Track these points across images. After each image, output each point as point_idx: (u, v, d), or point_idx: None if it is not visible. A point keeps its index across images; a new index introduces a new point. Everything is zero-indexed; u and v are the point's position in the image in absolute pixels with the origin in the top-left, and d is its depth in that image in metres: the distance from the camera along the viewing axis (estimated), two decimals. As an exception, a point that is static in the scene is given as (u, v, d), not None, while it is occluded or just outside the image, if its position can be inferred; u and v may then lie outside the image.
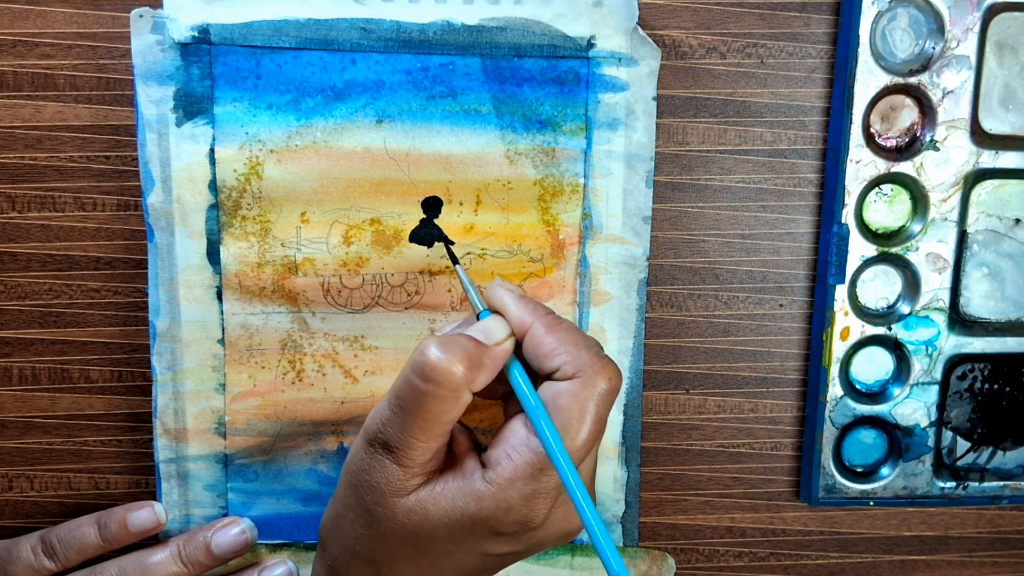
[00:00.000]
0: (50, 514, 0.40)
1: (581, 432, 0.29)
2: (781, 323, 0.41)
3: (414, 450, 0.29)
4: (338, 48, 0.36)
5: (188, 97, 0.36)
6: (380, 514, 0.30)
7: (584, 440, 0.29)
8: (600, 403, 0.29)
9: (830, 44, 0.39)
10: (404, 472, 0.29)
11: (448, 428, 0.30)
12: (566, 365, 0.29)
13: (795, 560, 0.43)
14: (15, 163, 0.37)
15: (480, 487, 0.29)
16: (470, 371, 0.29)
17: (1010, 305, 0.41)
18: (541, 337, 0.30)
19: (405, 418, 0.29)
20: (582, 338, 0.30)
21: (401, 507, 0.29)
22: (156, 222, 0.36)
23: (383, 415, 0.30)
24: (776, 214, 0.40)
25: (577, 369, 0.29)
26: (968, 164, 0.39)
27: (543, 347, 0.30)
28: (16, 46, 0.36)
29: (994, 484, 0.42)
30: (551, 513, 0.30)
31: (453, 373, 0.28)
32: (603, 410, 0.29)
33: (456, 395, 0.29)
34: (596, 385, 0.29)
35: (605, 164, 0.38)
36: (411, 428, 0.29)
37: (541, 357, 0.30)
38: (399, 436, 0.29)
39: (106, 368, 0.39)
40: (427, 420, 0.29)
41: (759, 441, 0.42)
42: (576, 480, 0.28)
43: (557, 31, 0.36)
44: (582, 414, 0.29)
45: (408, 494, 0.29)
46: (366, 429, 0.30)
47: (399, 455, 0.29)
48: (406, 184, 0.37)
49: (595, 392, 0.29)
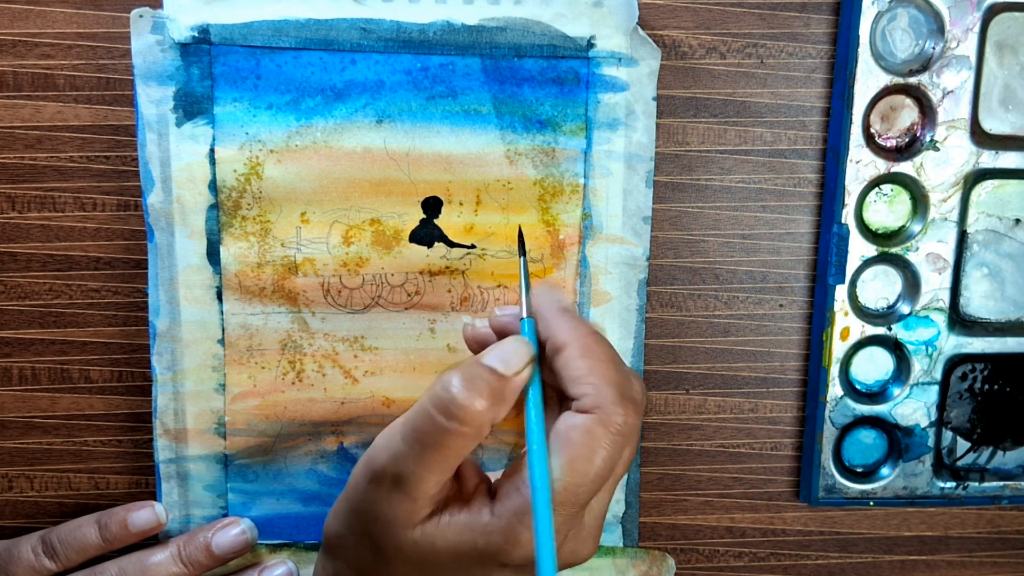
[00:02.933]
0: (50, 514, 0.40)
1: (588, 470, 0.28)
2: (781, 323, 0.41)
3: (426, 484, 0.28)
4: (338, 48, 0.36)
5: (188, 97, 0.36)
6: (386, 543, 0.29)
7: (590, 478, 0.28)
8: (614, 439, 0.28)
9: (830, 44, 0.39)
10: (414, 505, 0.29)
11: (460, 461, 0.29)
12: (587, 397, 0.29)
13: (795, 560, 0.43)
14: (15, 163, 0.37)
15: (488, 520, 0.28)
16: (493, 407, 0.28)
17: (1010, 305, 0.41)
18: (575, 360, 0.29)
19: (422, 453, 0.28)
20: (613, 371, 0.29)
21: (407, 539, 0.29)
22: (156, 222, 0.36)
23: (395, 448, 0.29)
24: (776, 214, 0.40)
25: (596, 404, 0.28)
26: (968, 164, 0.39)
27: (573, 371, 0.29)
28: (16, 46, 0.36)
29: (994, 484, 0.42)
30: (560, 549, 0.29)
31: (478, 412, 0.28)
32: (617, 447, 0.28)
33: (479, 432, 0.28)
34: (612, 422, 0.28)
35: (605, 164, 0.38)
36: (428, 463, 0.28)
37: (568, 380, 0.29)
38: (413, 470, 0.28)
39: (106, 368, 0.39)
40: (446, 456, 0.28)
41: (759, 441, 0.42)
42: (546, 522, 0.27)
43: (557, 31, 0.36)
44: (591, 452, 0.28)
45: (415, 526, 0.29)
46: (373, 460, 0.29)
47: (410, 489, 0.28)
48: (406, 184, 0.37)
49: (609, 429, 0.28)
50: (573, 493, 0.28)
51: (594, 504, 0.30)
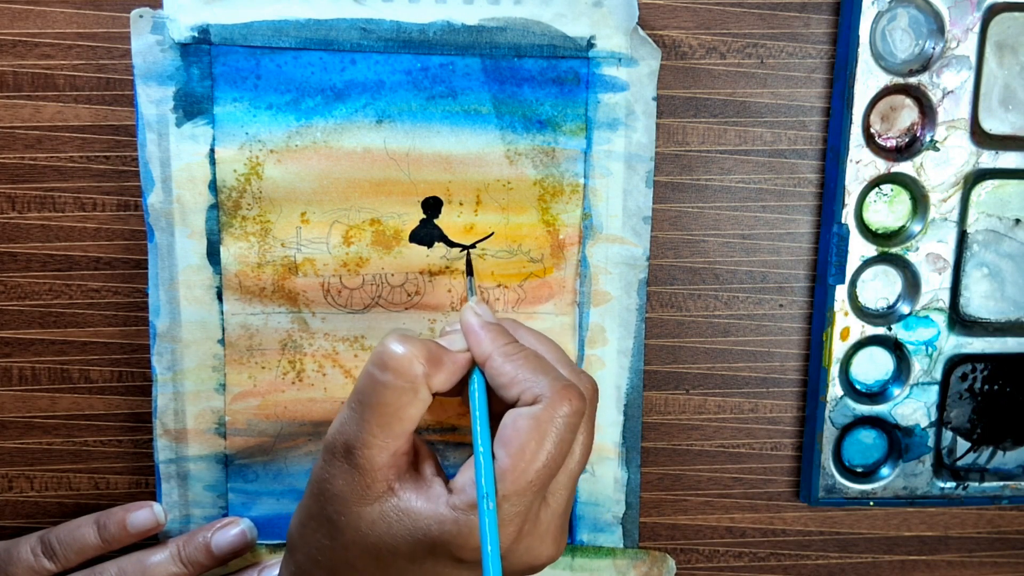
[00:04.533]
0: (50, 514, 0.40)
1: (538, 456, 0.28)
2: (781, 323, 0.41)
3: (372, 449, 0.29)
4: (338, 48, 0.36)
5: (188, 97, 0.36)
6: (343, 523, 0.30)
7: (543, 464, 0.28)
8: (562, 426, 0.29)
9: (830, 44, 0.39)
10: (364, 477, 0.29)
11: (407, 429, 0.30)
12: (525, 393, 0.29)
13: (795, 560, 0.43)
14: (15, 163, 0.37)
15: (444, 511, 0.29)
16: (429, 365, 0.30)
17: (1010, 305, 0.41)
18: (499, 367, 0.30)
19: (363, 413, 0.29)
20: (541, 364, 0.30)
21: (365, 517, 0.29)
22: (156, 222, 0.36)
23: (342, 416, 0.30)
24: (776, 214, 0.40)
25: (537, 395, 0.29)
26: (968, 164, 0.39)
27: (501, 376, 0.30)
28: (16, 46, 0.36)
29: (994, 484, 0.42)
30: (515, 545, 0.29)
31: (412, 363, 0.29)
32: (567, 433, 0.29)
33: (414, 387, 0.29)
34: (557, 408, 0.29)
35: (605, 164, 0.38)
36: (369, 424, 0.29)
37: (501, 387, 0.30)
38: (357, 433, 0.29)
39: (106, 368, 0.39)
40: (385, 414, 0.29)
41: (759, 441, 0.42)
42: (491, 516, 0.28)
43: (557, 31, 0.36)
44: (541, 437, 0.28)
45: (371, 503, 0.29)
46: (326, 437, 0.31)
47: (358, 456, 0.29)
48: (406, 184, 0.37)
49: (556, 415, 0.29)
50: (522, 481, 0.28)
51: (551, 502, 0.30)
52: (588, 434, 0.31)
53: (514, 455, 0.28)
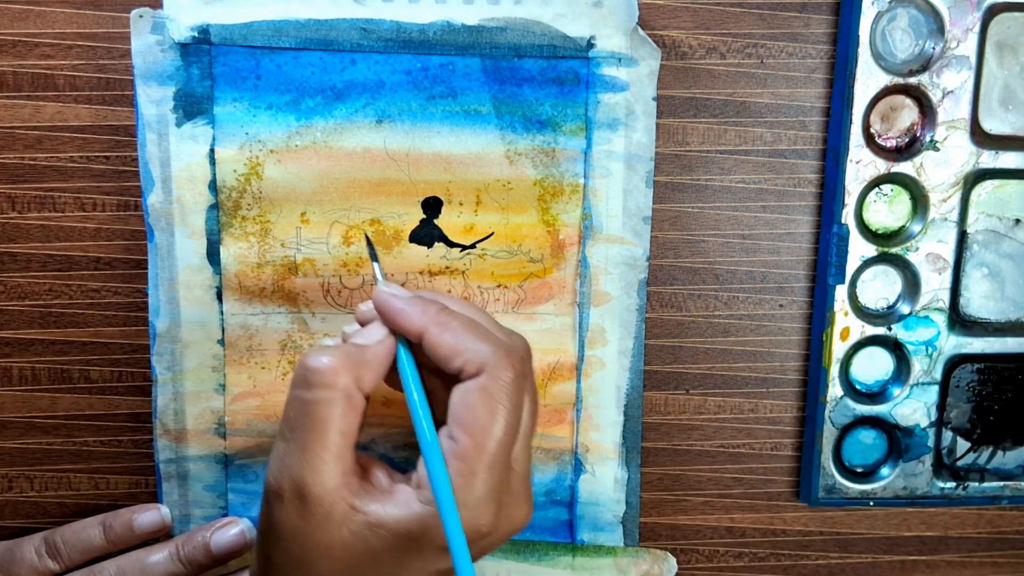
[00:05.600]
0: (50, 515, 0.40)
1: (495, 428, 0.28)
2: (781, 323, 0.41)
3: (322, 474, 0.28)
4: (338, 48, 0.36)
5: (188, 97, 0.36)
6: (312, 558, 0.28)
7: (502, 434, 0.28)
8: (512, 391, 0.28)
9: (830, 44, 0.39)
10: (321, 506, 0.28)
11: (350, 443, 0.29)
12: (468, 364, 0.29)
13: (795, 560, 0.43)
14: (15, 163, 0.37)
15: (419, 509, 0.28)
16: (352, 368, 0.29)
17: (1010, 305, 0.41)
18: (438, 338, 0.29)
19: (302, 440, 0.28)
20: (480, 331, 0.29)
21: (336, 545, 0.28)
22: (156, 222, 0.36)
23: (278, 452, 0.29)
24: (776, 214, 0.40)
25: (479, 365, 0.28)
26: (968, 164, 0.39)
27: (441, 348, 0.29)
28: (16, 46, 0.36)
29: (994, 484, 0.42)
30: (498, 518, 0.29)
31: (336, 372, 0.28)
32: (516, 397, 0.28)
33: (346, 395, 0.28)
34: (501, 376, 0.28)
35: (605, 164, 0.38)
36: (312, 448, 0.28)
37: (442, 360, 0.29)
38: (302, 463, 0.28)
39: (106, 368, 0.39)
40: (324, 431, 0.28)
41: (759, 441, 0.42)
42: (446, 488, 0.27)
43: (557, 31, 0.36)
44: (494, 409, 0.28)
45: (337, 529, 0.28)
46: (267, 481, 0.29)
47: (309, 486, 0.28)
48: (406, 184, 0.37)
49: (501, 383, 0.28)
50: (487, 456, 0.28)
51: (516, 467, 0.30)
52: (532, 393, 0.31)
53: (474, 433, 0.28)
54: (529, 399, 0.30)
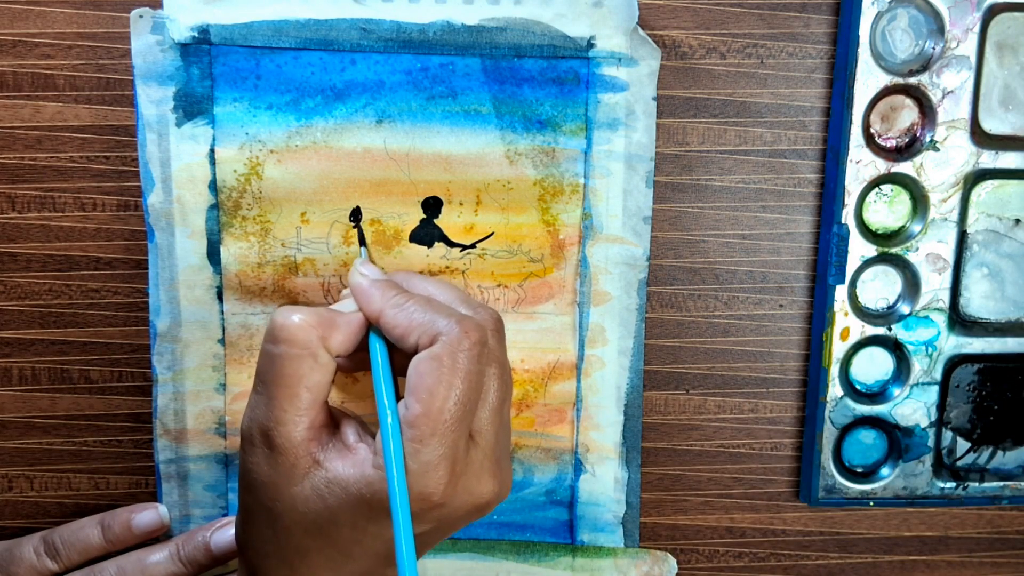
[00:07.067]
0: (50, 515, 0.40)
1: (448, 394, 0.28)
2: (781, 323, 0.41)
3: (286, 426, 0.29)
4: (338, 48, 0.36)
5: (188, 97, 0.36)
6: (280, 509, 0.29)
7: (454, 401, 0.28)
8: (467, 359, 0.28)
9: (830, 44, 0.39)
10: (287, 456, 0.29)
11: (317, 399, 0.30)
12: (422, 337, 0.29)
13: (795, 560, 0.43)
14: (15, 163, 0.37)
15: (370, 472, 0.29)
16: (322, 328, 0.29)
17: (1010, 305, 0.41)
18: (392, 319, 0.30)
19: (269, 392, 0.29)
20: (433, 306, 0.30)
21: (298, 496, 0.29)
22: (156, 222, 0.36)
23: (250, 402, 0.30)
24: (776, 214, 0.40)
25: (433, 336, 0.29)
26: (968, 164, 0.39)
27: (396, 328, 0.30)
28: (16, 46, 0.36)
29: (994, 484, 0.42)
30: (452, 488, 0.29)
31: (304, 329, 0.29)
32: (472, 366, 0.29)
33: (312, 353, 0.29)
34: (457, 344, 0.28)
35: (605, 164, 0.38)
36: (277, 401, 0.29)
37: (399, 340, 0.30)
38: (267, 414, 0.29)
39: (106, 368, 0.39)
40: (289, 386, 0.29)
41: (759, 441, 0.42)
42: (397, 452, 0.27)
43: (557, 31, 0.36)
44: (445, 376, 0.28)
45: (300, 481, 0.29)
46: (241, 427, 0.30)
47: (274, 436, 0.29)
48: (406, 184, 0.37)
49: (457, 351, 0.28)
50: (437, 422, 0.28)
51: (479, 440, 0.30)
52: (500, 366, 0.31)
53: (424, 400, 0.28)
54: (496, 371, 0.30)
